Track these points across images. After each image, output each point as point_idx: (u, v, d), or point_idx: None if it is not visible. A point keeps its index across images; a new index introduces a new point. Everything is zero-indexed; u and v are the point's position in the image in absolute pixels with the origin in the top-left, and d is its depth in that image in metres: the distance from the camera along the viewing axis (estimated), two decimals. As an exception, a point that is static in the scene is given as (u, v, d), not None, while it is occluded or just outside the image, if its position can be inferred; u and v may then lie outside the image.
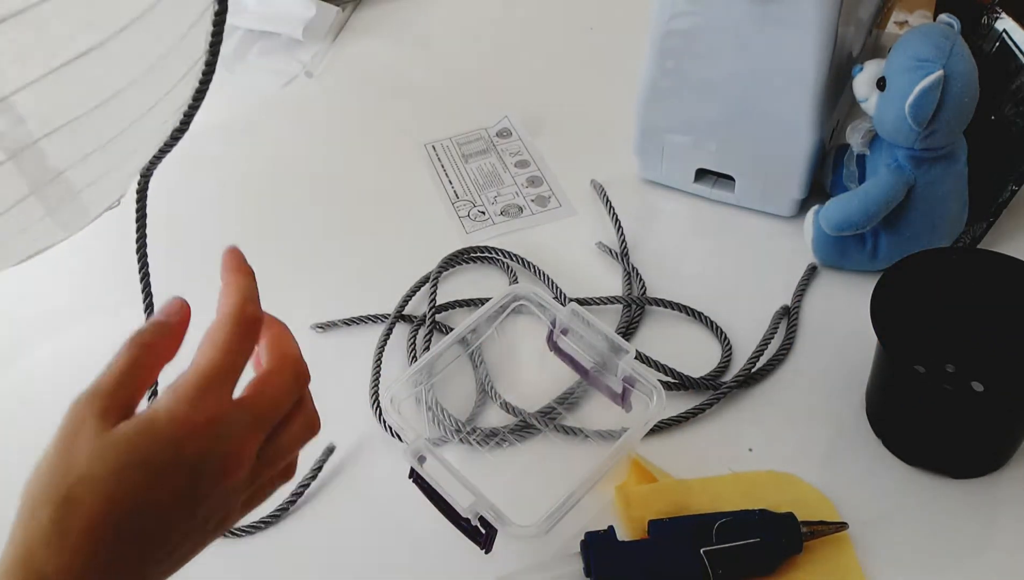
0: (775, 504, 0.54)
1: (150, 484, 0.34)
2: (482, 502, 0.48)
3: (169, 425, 0.35)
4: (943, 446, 0.57)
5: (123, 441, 0.34)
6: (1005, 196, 0.69)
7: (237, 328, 0.38)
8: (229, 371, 0.37)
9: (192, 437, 0.35)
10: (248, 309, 0.38)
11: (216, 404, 0.36)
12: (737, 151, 0.72)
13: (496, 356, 0.64)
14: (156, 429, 0.35)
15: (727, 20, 0.65)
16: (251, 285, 0.40)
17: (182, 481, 0.35)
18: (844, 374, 0.63)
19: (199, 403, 0.35)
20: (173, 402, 0.35)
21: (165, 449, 0.34)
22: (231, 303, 0.38)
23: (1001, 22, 0.72)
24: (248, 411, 0.37)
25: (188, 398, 0.35)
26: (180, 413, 0.35)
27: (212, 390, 0.36)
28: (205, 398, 0.36)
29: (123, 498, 0.34)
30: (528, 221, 0.77)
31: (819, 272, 0.71)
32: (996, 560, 0.54)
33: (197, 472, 0.35)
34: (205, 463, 0.35)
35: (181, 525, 0.35)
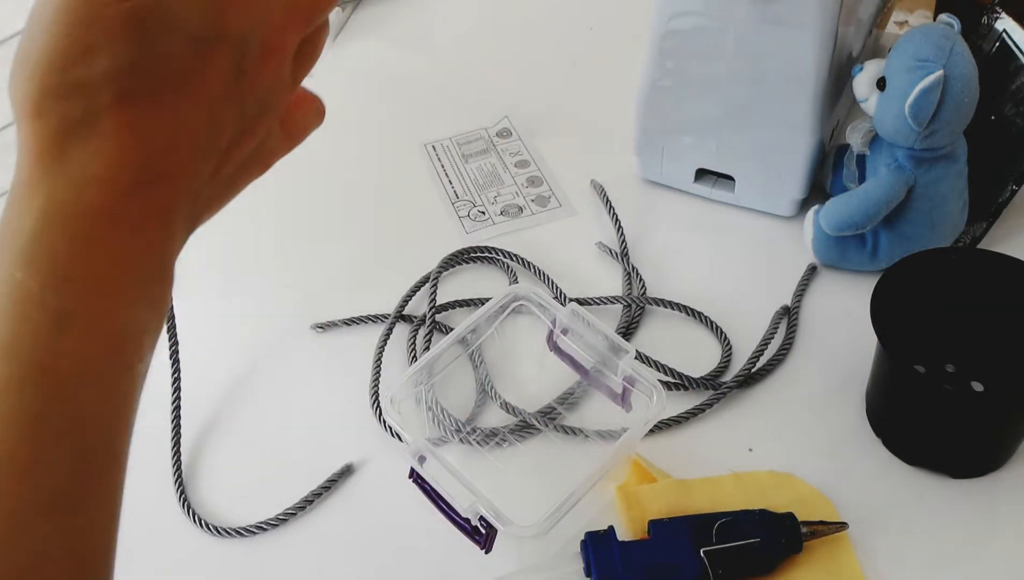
0: (775, 504, 0.54)
1: (198, 62, 0.28)
2: (482, 502, 0.48)
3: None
4: (943, 446, 0.57)
5: (161, 8, 0.27)
6: (1005, 196, 0.69)
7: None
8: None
9: (236, 7, 0.28)
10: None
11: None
12: (737, 151, 0.72)
13: (496, 356, 0.64)
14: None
15: (727, 20, 0.65)
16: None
17: (228, 61, 0.29)
18: (844, 374, 0.63)
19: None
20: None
21: (212, 17, 0.28)
22: None
23: (1001, 22, 0.72)
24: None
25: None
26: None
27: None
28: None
29: (169, 81, 0.28)
30: (528, 221, 0.77)
31: (819, 272, 0.71)
32: (996, 560, 0.54)
33: (243, 50, 0.29)
34: (248, 40, 0.29)
35: (230, 120, 0.30)
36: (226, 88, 0.29)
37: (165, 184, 0.28)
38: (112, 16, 0.26)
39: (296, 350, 0.68)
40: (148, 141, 0.27)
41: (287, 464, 0.61)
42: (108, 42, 0.26)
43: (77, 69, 0.26)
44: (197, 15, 0.28)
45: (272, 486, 0.60)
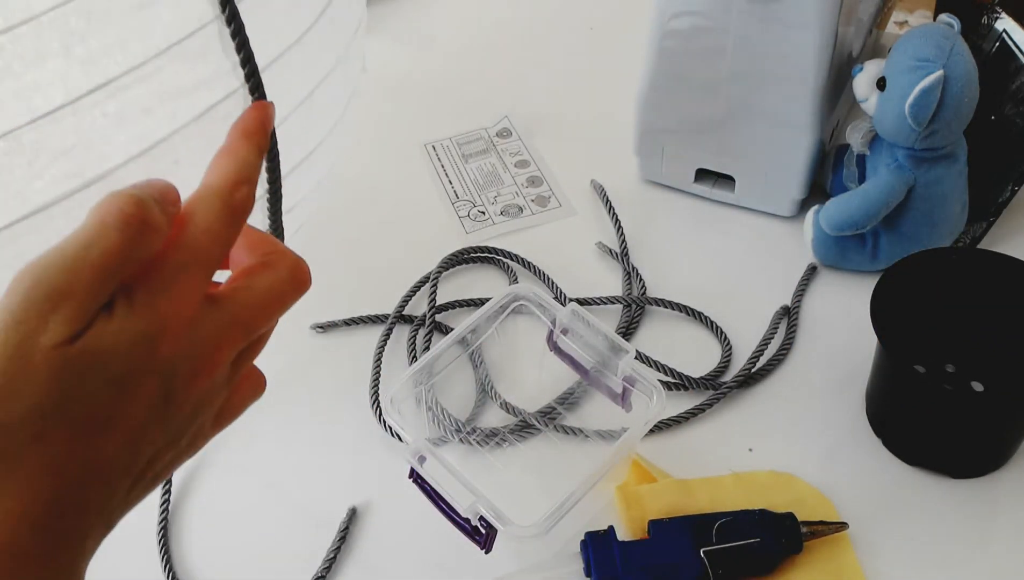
0: (775, 504, 0.54)
1: (123, 399, 0.28)
2: (482, 502, 0.48)
3: (134, 324, 0.28)
4: (943, 446, 0.57)
5: (87, 353, 0.27)
6: (1005, 196, 0.69)
7: (223, 209, 0.30)
8: (207, 258, 0.30)
9: (167, 336, 0.29)
10: (241, 190, 0.31)
11: (191, 296, 0.29)
12: (737, 151, 0.72)
13: (496, 356, 0.64)
14: (121, 333, 0.28)
15: (727, 20, 0.65)
16: (253, 161, 0.32)
17: (153, 390, 0.29)
18: (844, 374, 0.63)
19: (177, 294, 0.29)
20: (141, 297, 0.28)
21: (135, 353, 0.28)
22: (222, 176, 0.31)
23: (1001, 22, 0.72)
24: (228, 309, 0.31)
25: (159, 288, 0.29)
26: (149, 311, 0.28)
27: (191, 279, 0.29)
28: (183, 288, 0.29)
29: (92, 421, 0.28)
30: (528, 221, 0.77)
31: (819, 272, 0.71)
32: (996, 560, 0.54)
33: (169, 377, 0.29)
34: (177, 367, 0.29)
35: (154, 440, 0.30)
36: (150, 415, 0.29)
37: (78, 514, 0.28)
38: (40, 361, 0.27)
39: (296, 350, 0.68)
40: (62, 477, 0.27)
41: (286, 468, 0.61)
42: (32, 385, 0.27)
43: (1, 411, 0.26)
44: (125, 355, 0.28)
45: (274, 488, 0.60)
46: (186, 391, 0.30)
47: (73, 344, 0.27)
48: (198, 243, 0.30)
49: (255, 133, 0.32)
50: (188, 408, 0.31)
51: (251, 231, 0.34)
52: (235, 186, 0.31)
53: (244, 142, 0.32)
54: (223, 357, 0.31)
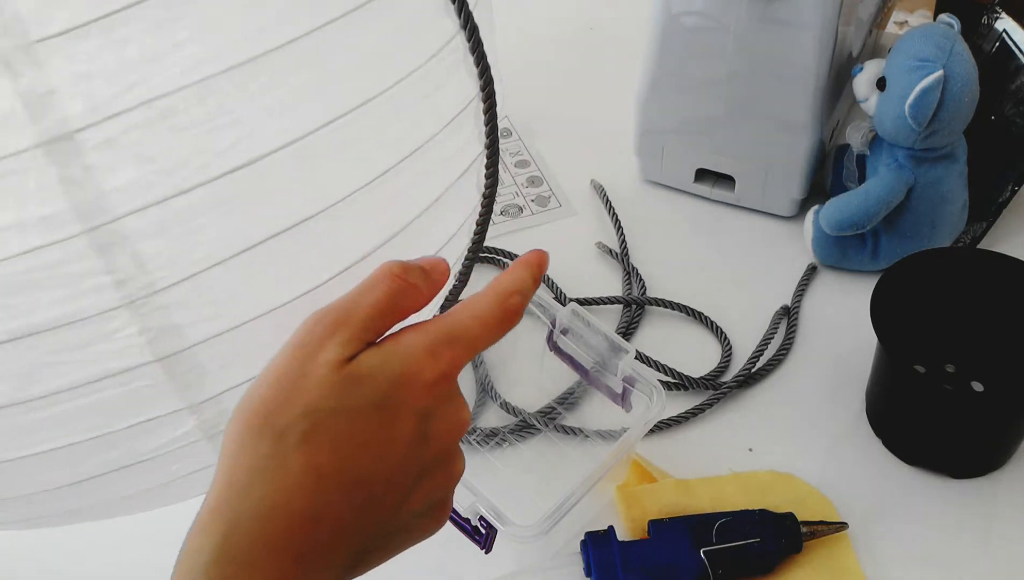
0: (775, 504, 0.54)
1: (383, 426, 0.32)
2: (482, 502, 0.48)
3: (403, 364, 0.32)
4: (943, 446, 0.57)
5: (361, 375, 0.31)
6: (1005, 196, 0.69)
7: (496, 306, 0.35)
8: (475, 341, 0.34)
9: (423, 383, 0.32)
10: (513, 299, 0.35)
11: (451, 363, 0.33)
12: (737, 151, 0.72)
13: (496, 356, 0.64)
14: (392, 367, 0.32)
15: (727, 20, 0.65)
16: (529, 283, 0.37)
17: (413, 428, 0.32)
18: (844, 374, 0.63)
19: (439, 353, 0.33)
20: (415, 343, 0.33)
21: (400, 389, 0.32)
22: (504, 285, 0.36)
23: (1001, 22, 0.72)
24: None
25: (429, 345, 0.33)
26: (419, 355, 0.32)
27: (455, 347, 0.33)
28: (445, 350, 0.33)
29: (353, 438, 0.31)
30: (528, 221, 0.77)
31: (819, 272, 0.71)
32: (996, 560, 0.54)
33: (427, 420, 0.33)
34: (436, 413, 0.33)
35: (408, 473, 0.33)
36: (406, 452, 0.32)
37: (334, 526, 0.31)
38: (314, 374, 0.31)
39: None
40: (325, 483, 0.30)
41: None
42: (306, 393, 0.31)
43: (276, 416, 0.30)
44: (388, 385, 0.32)
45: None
46: (442, 439, 0.33)
47: (346, 365, 0.31)
48: (467, 323, 0.34)
49: (533, 265, 0.37)
50: (443, 455, 0.34)
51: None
52: (511, 293, 0.35)
53: (525, 267, 0.37)
54: (465, 420, 0.35)
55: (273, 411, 0.31)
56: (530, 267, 0.37)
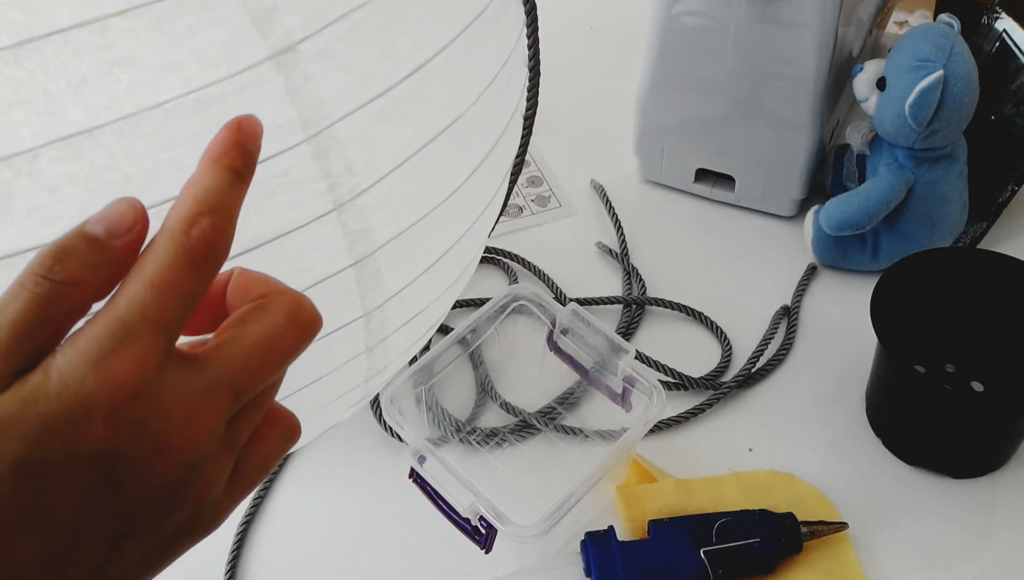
0: (775, 504, 0.54)
1: (36, 491, 0.23)
2: (482, 502, 0.48)
3: (59, 400, 0.23)
4: (943, 446, 0.57)
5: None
6: (1005, 196, 0.69)
7: (176, 252, 0.25)
8: (158, 315, 0.24)
9: (95, 418, 0.23)
10: (200, 225, 0.25)
11: (137, 366, 0.24)
12: (737, 151, 0.72)
13: (496, 356, 0.64)
14: (41, 409, 0.23)
15: (727, 20, 0.65)
16: (221, 187, 0.26)
17: (88, 477, 0.24)
18: (844, 374, 0.63)
19: (108, 365, 0.23)
20: (69, 364, 0.23)
21: (54, 439, 0.23)
22: (174, 213, 0.25)
23: (1001, 22, 0.72)
24: (206, 372, 0.26)
25: (91, 358, 0.23)
26: (78, 382, 0.23)
27: (130, 345, 0.24)
28: (118, 358, 0.24)
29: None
30: (528, 221, 0.77)
31: (819, 272, 0.71)
32: (996, 560, 0.54)
33: (113, 461, 0.24)
34: (123, 448, 0.24)
35: (102, 533, 0.25)
36: (85, 506, 0.24)
37: None
38: None
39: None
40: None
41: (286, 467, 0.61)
42: None
43: None
44: (33, 438, 0.23)
45: (273, 488, 0.60)
46: (147, 473, 0.25)
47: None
48: (141, 298, 0.24)
49: (225, 154, 0.26)
50: (158, 490, 0.25)
51: (245, 273, 0.29)
52: (190, 222, 0.25)
53: (210, 166, 0.26)
54: (201, 427, 0.25)
55: None
56: (223, 159, 0.26)
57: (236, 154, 0.26)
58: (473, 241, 0.48)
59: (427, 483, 0.50)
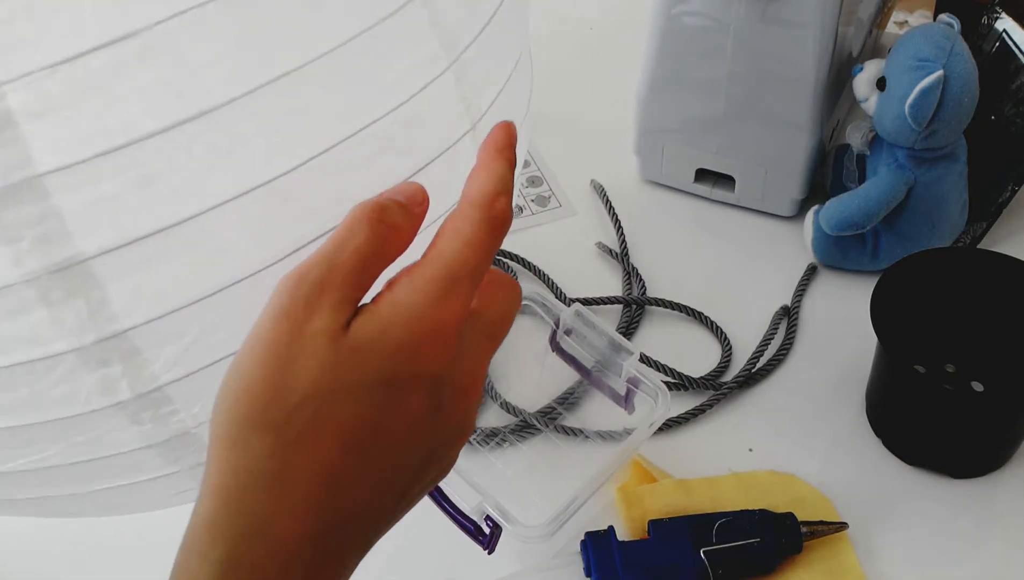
0: (775, 504, 0.54)
1: (393, 404, 0.28)
2: (488, 501, 0.48)
3: (410, 328, 0.28)
4: (943, 446, 0.57)
5: (360, 347, 0.27)
6: (1005, 196, 0.69)
7: (484, 221, 0.30)
8: (475, 271, 0.29)
9: (436, 343, 0.28)
10: (500, 202, 0.30)
11: (462, 308, 0.29)
12: (737, 151, 0.72)
13: (497, 356, 0.64)
14: (396, 333, 0.27)
15: (727, 20, 0.65)
16: (508, 174, 0.31)
17: (425, 399, 0.28)
18: (844, 374, 0.63)
19: (445, 303, 0.28)
20: (416, 300, 0.28)
21: (408, 358, 0.28)
22: (481, 189, 0.30)
23: (1001, 22, 0.72)
24: (482, 324, 0.31)
25: (433, 295, 0.28)
26: (424, 313, 0.28)
27: (458, 289, 0.29)
28: (451, 298, 0.28)
29: (363, 423, 0.27)
30: (528, 221, 0.77)
31: (819, 272, 0.71)
32: (996, 560, 0.54)
33: (439, 387, 0.29)
34: (448, 377, 0.29)
35: (421, 453, 0.30)
36: (419, 426, 0.29)
37: (347, 528, 0.28)
38: (313, 347, 0.27)
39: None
40: (334, 488, 0.27)
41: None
42: (308, 371, 0.27)
43: (271, 405, 0.27)
44: (393, 357, 0.28)
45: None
46: (454, 404, 0.30)
47: (342, 334, 0.27)
48: (462, 256, 0.29)
49: (505, 148, 0.32)
50: (463, 416, 0.31)
51: None
52: (495, 197, 0.30)
53: (497, 157, 0.31)
54: (485, 371, 0.31)
55: (267, 399, 0.26)
56: (502, 153, 0.31)
57: (511, 150, 0.32)
58: None
59: (428, 483, 0.50)
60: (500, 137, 0.32)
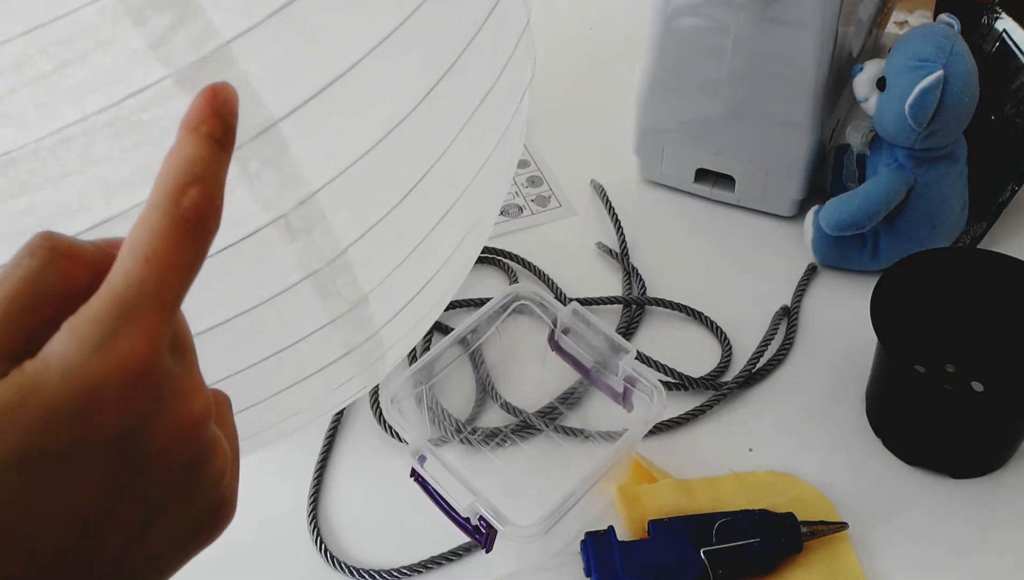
0: (775, 504, 0.54)
1: (46, 481, 0.22)
2: (482, 502, 0.48)
3: (64, 386, 0.22)
4: (943, 446, 0.57)
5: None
6: (1005, 196, 0.69)
7: (168, 224, 0.23)
8: (161, 292, 0.23)
9: (105, 402, 0.22)
10: (189, 195, 0.24)
11: (144, 344, 0.23)
12: (737, 151, 0.72)
13: (497, 356, 0.64)
14: (44, 396, 0.22)
15: (727, 20, 0.65)
16: (204, 156, 0.24)
17: (106, 463, 0.23)
18: (844, 374, 0.63)
19: (113, 346, 0.22)
20: (72, 348, 0.22)
21: (61, 428, 0.22)
22: (164, 186, 0.24)
23: (1001, 22, 0.72)
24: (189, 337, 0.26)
25: (94, 340, 0.22)
26: (82, 365, 0.22)
27: (134, 323, 0.22)
28: (122, 338, 0.22)
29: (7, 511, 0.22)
30: (528, 221, 0.77)
31: (819, 272, 0.71)
32: (995, 560, 0.54)
33: (127, 454, 0.23)
34: (138, 437, 0.23)
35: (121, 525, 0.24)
36: (107, 496, 0.23)
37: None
38: None
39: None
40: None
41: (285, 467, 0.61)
42: None
43: None
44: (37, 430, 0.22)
45: (272, 488, 0.60)
46: (169, 451, 0.24)
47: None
48: (139, 276, 0.23)
49: (202, 123, 0.25)
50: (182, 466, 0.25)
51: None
52: (178, 192, 0.24)
53: (188, 136, 0.25)
54: (206, 397, 0.25)
55: None
56: (200, 127, 0.25)
57: (215, 121, 0.25)
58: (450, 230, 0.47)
59: (427, 483, 0.50)
60: (197, 110, 0.25)
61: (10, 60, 0.26)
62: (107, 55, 0.27)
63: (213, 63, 0.28)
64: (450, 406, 0.62)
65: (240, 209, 0.31)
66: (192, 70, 0.28)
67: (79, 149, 0.28)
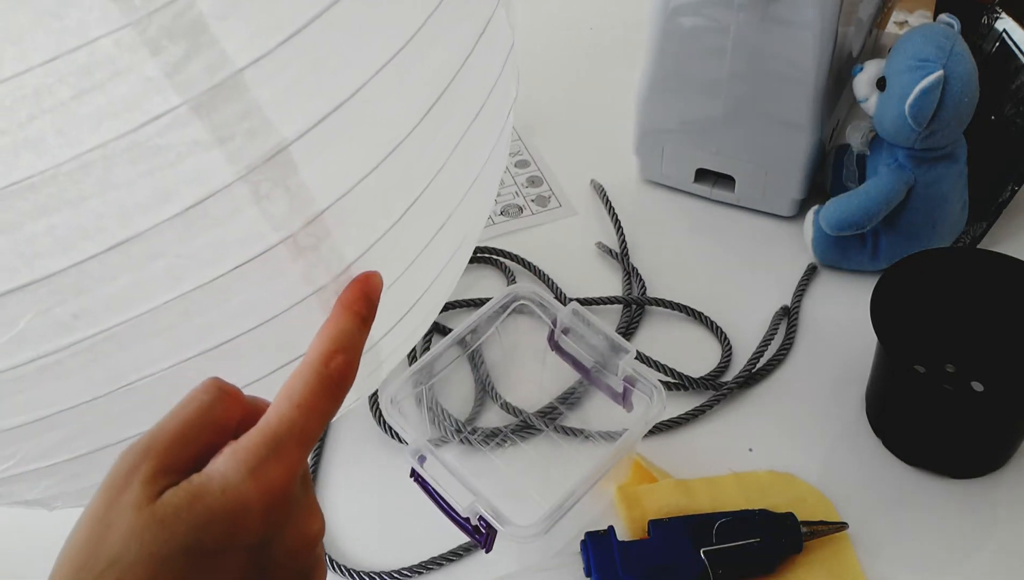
0: (775, 504, 0.54)
1: (200, 572, 0.28)
2: (481, 502, 0.48)
3: (223, 497, 0.28)
4: (943, 446, 0.57)
5: (166, 518, 0.27)
6: (1005, 196, 0.69)
7: (317, 381, 0.31)
8: (305, 435, 0.30)
9: (252, 515, 0.28)
10: (336, 361, 0.31)
11: (287, 472, 0.29)
12: (737, 151, 0.72)
13: (496, 356, 0.64)
14: (207, 503, 0.28)
15: (727, 20, 0.65)
16: (352, 330, 0.32)
17: (244, 562, 0.29)
18: (844, 374, 0.63)
19: (264, 472, 0.29)
20: (231, 468, 0.29)
21: (222, 528, 0.28)
22: (316, 348, 0.32)
23: (1001, 22, 0.72)
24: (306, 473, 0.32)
25: (250, 465, 0.29)
26: (238, 483, 0.28)
27: (280, 456, 0.29)
28: (271, 465, 0.29)
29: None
30: (528, 221, 0.77)
31: (819, 272, 0.71)
32: (996, 560, 0.54)
33: (263, 551, 0.29)
34: (270, 546, 0.29)
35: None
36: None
37: None
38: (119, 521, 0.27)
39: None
40: None
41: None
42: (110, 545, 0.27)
43: (85, 569, 0.27)
44: (204, 525, 0.28)
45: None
46: (291, 561, 0.30)
47: (150, 504, 0.28)
48: (289, 419, 0.30)
49: (354, 303, 0.33)
50: (297, 575, 0.31)
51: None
52: (329, 356, 0.31)
53: (343, 313, 0.33)
54: (322, 521, 0.32)
55: (79, 565, 0.27)
56: (353, 306, 0.33)
57: (363, 303, 0.33)
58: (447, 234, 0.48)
59: (427, 483, 0.50)
60: (352, 291, 0.33)
61: (31, 88, 0.28)
62: (124, 83, 0.28)
63: (226, 90, 0.30)
64: (450, 406, 0.62)
65: (251, 229, 0.33)
66: (206, 97, 0.29)
67: (97, 173, 0.29)
